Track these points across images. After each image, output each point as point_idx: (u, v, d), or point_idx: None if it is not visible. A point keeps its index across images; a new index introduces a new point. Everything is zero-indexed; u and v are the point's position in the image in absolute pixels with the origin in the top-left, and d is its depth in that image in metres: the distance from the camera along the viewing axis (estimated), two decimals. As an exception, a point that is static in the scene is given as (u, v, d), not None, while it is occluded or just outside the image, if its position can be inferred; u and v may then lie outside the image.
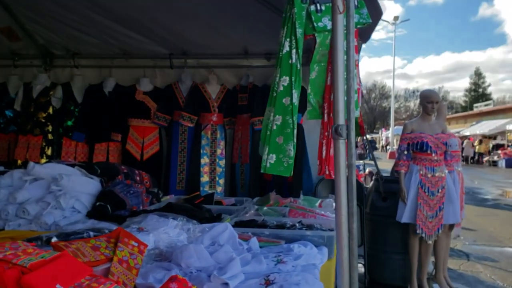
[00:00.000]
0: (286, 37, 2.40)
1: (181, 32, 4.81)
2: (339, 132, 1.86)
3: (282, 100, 2.43)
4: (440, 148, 4.56)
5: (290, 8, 2.39)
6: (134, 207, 3.05)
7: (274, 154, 2.47)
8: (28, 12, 4.75)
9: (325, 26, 2.39)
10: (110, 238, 1.88)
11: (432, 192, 4.50)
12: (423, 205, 4.49)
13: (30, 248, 1.44)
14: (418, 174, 4.53)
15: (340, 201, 1.88)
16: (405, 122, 4.93)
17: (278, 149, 2.47)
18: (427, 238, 4.53)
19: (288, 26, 2.40)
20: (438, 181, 4.52)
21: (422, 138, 4.54)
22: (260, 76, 5.19)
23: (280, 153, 2.44)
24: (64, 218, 2.84)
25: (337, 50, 1.90)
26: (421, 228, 4.48)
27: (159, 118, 5.12)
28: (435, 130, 4.63)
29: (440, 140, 4.57)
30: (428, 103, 4.66)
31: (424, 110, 4.70)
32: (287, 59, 2.40)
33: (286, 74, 2.42)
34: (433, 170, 4.53)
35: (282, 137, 2.46)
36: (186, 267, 1.91)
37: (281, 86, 2.42)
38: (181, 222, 2.28)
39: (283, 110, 2.45)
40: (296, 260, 2.15)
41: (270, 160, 2.46)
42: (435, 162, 4.54)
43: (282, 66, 2.42)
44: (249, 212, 3.17)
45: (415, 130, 4.62)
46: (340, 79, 1.89)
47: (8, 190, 2.94)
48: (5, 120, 5.31)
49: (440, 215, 4.51)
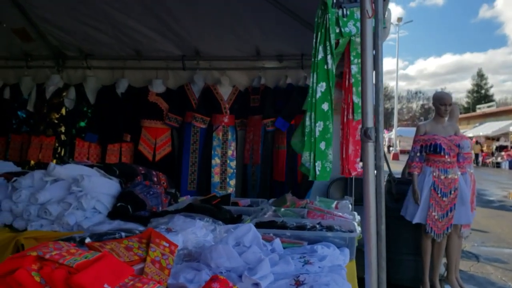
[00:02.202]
0: (320, 43, 2.42)
1: (195, 31, 4.84)
2: (368, 134, 1.88)
3: (321, 106, 2.45)
4: (453, 150, 4.58)
5: (323, 14, 2.41)
6: (154, 207, 3.07)
7: (320, 161, 2.50)
8: (42, 12, 4.78)
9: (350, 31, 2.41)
10: (141, 239, 1.90)
11: (444, 194, 4.53)
12: (435, 206, 4.51)
13: (72, 248, 1.46)
14: (431, 176, 4.56)
15: (368, 203, 1.90)
16: (418, 124, 4.95)
17: (322, 155, 2.50)
18: (436, 236, 4.55)
19: (322, 32, 2.42)
20: (451, 183, 4.54)
21: (435, 140, 4.56)
22: (272, 78, 5.22)
23: (323, 159, 2.48)
24: (86, 218, 2.87)
25: (366, 54, 1.92)
26: (430, 227, 4.51)
27: (171, 119, 5.15)
28: (448, 132, 4.65)
29: (453, 142, 4.59)
30: (441, 105, 4.67)
31: (438, 112, 4.72)
32: (323, 64, 2.42)
33: (323, 80, 2.44)
34: (446, 172, 4.55)
35: (324, 143, 2.49)
36: (215, 267, 1.93)
37: (319, 92, 2.44)
38: (207, 223, 2.30)
39: (323, 115, 2.48)
40: (321, 261, 2.18)
41: (318, 167, 2.48)
42: (448, 164, 4.56)
43: (319, 72, 2.44)
44: (267, 213, 3.19)
45: (428, 132, 4.64)
46: (369, 82, 1.91)
47: (29, 191, 2.97)
48: (18, 121, 5.34)
49: (451, 216, 4.54)
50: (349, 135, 2.72)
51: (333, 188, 4.99)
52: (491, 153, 32.10)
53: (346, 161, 2.73)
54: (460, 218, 4.63)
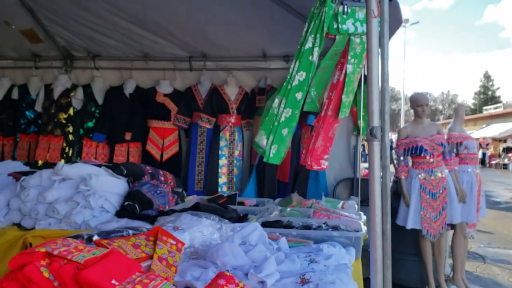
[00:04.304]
0: (311, 33, 2.44)
1: (200, 35, 4.87)
2: (374, 134, 1.89)
3: (295, 94, 2.49)
4: (436, 149, 4.57)
5: (321, 6, 2.42)
6: (161, 206, 3.09)
7: (277, 145, 2.55)
8: (50, 15, 4.82)
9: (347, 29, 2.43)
10: (149, 236, 1.92)
11: (433, 194, 4.53)
12: (427, 208, 4.52)
13: (80, 245, 1.48)
14: (418, 178, 4.56)
15: (374, 202, 1.91)
16: (399, 128, 4.97)
17: (281, 140, 2.57)
18: (432, 238, 4.55)
19: (315, 23, 2.44)
20: (439, 182, 4.55)
21: (417, 142, 4.56)
22: (278, 78, 5.22)
23: (282, 144, 2.54)
24: (93, 217, 2.90)
25: (371, 53, 1.93)
26: (426, 230, 4.52)
27: (180, 120, 5.18)
28: (429, 132, 4.64)
29: (435, 141, 4.57)
30: (417, 106, 4.71)
31: (415, 113, 4.76)
32: (307, 55, 2.44)
33: (304, 70, 2.47)
34: (432, 172, 4.55)
35: (287, 129, 2.55)
36: (222, 265, 1.94)
37: (297, 80, 2.47)
38: (214, 221, 2.32)
39: (294, 103, 2.53)
40: (327, 260, 2.19)
41: (273, 150, 2.54)
42: (432, 164, 4.56)
43: (302, 61, 2.47)
44: (273, 213, 3.20)
45: (409, 135, 4.66)
46: (374, 81, 1.92)
47: (38, 190, 3.00)
48: (26, 121, 5.37)
49: (444, 215, 4.55)
50: (321, 129, 2.74)
51: (339, 188, 5.00)
52: (498, 155, 31.91)
53: (310, 153, 2.78)
54: (452, 217, 4.62)
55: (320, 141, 2.70)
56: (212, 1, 4.25)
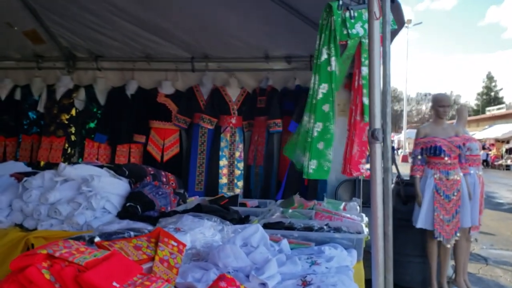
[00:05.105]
0: (324, 44, 2.44)
1: (203, 36, 4.87)
2: (375, 136, 1.89)
3: (321, 107, 2.47)
4: (454, 151, 4.57)
5: (327, 16, 2.42)
6: (162, 208, 3.09)
7: (315, 160, 2.52)
8: (53, 16, 4.83)
9: (357, 33, 2.42)
10: (150, 238, 1.92)
11: (447, 196, 4.52)
12: (440, 209, 4.50)
13: (82, 247, 1.48)
14: (433, 179, 4.55)
15: (376, 204, 1.91)
16: (418, 127, 4.96)
17: (319, 155, 2.52)
18: (446, 241, 4.53)
19: (326, 34, 2.44)
20: (453, 185, 4.53)
21: (435, 142, 4.55)
22: (280, 79, 5.24)
23: (321, 158, 2.49)
24: (95, 218, 2.90)
25: (373, 55, 1.93)
26: (439, 232, 4.49)
27: (179, 120, 5.18)
28: (448, 133, 4.64)
29: (453, 143, 4.57)
30: (440, 107, 4.69)
31: (436, 114, 4.73)
32: (325, 66, 2.44)
33: (325, 82, 2.46)
34: (447, 173, 4.54)
35: (323, 143, 2.51)
36: (223, 267, 1.94)
37: (320, 93, 2.46)
38: (215, 223, 2.32)
39: (323, 116, 2.50)
40: (328, 262, 2.18)
41: (312, 166, 2.51)
42: (449, 165, 4.55)
43: (321, 73, 2.46)
44: (275, 215, 3.20)
45: (428, 135, 4.64)
46: (376, 83, 1.92)
47: (40, 191, 3.00)
48: (29, 122, 5.38)
49: (457, 218, 4.53)
50: (354, 135, 2.74)
51: (341, 189, 4.99)
52: (501, 156, 31.84)
53: (348, 161, 2.75)
54: (463, 221, 4.61)
55: (356, 147, 2.69)
56: (214, 2, 4.24)
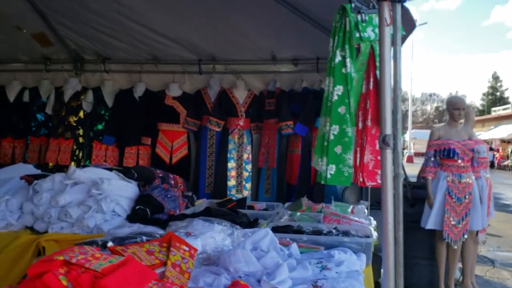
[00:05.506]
0: (337, 46, 2.44)
1: (210, 38, 4.90)
2: (386, 141, 1.90)
3: (337, 109, 2.46)
4: (467, 154, 4.57)
5: (341, 17, 2.43)
6: (171, 211, 3.11)
7: (333, 165, 2.49)
8: (61, 18, 4.86)
9: (369, 36, 2.43)
10: (162, 243, 1.93)
11: (459, 198, 4.53)
12: (450, 211, 4.51)
13: (97, 253, 1.50)
14: (445, 181, 4.56)
15: (386, 210, 1.92)
16: (432, 129, 4.96)
17: (337, 159, 2.48)
18: (453, 243, 4.55)
19: (339, 36, 2.44)
20: (465, 188, 4.54)
21: (449, 145, 4.56)
22: (287, 82, 5.24)
23: (340, 163, 2.47)
24: (105, 221, 2.92)
25: (384, 61, 1.94)
26: (447, 234, 4.50)
27: (189, 123, 5.21)
28: (462, 136, 4.65)
29: (467, 146, 4.58)
30: (454, 109, 4.69)
31: (451, 116, 4.73)
32: (340, 68, 2.44)
33: (340, 83, 2.45)
34: (460, 176, 4.55)
35: (341, 147, 2.48)
36: (234, 271, 1.95)
37: (336, 95, 2.45)
38: (225, 227, 2.33)
39: (339, 119, 2.48)
40: (338, 267, 2.19)
41: (330, 171, 2.48)
42: (462, 168, 4.56)
43: (336, 75, 2.45)
44: (283, 218, 3.21)
45: (442, 137, 4.64)
46: (387, 89, 1.93)
47: (50, 193, 3.02)
48: (37, 124, 5.42)
49: (466, 221, 4.54)
50: (366, 142, 2.71)
51: (348, 192, 4.98)
52: (507, 156, 31.71)
53: (360, 169, 2.70)
54: (473, 224, 4.62)
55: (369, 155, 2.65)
56: (222, 4, 4.26)
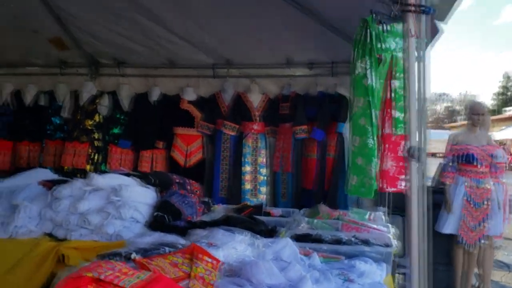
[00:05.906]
0: (358, 58, 2.43)
1: (226, 41, 4.89)
2: (411, 153, 1.88)
3: (358, 120, 2.45)
4: (486, 160, 4.54)
5: (361, 29, 2.41)
6: (189, 217, 3.11)
7: (355, 176, 2.49)
8: (77, 22, 4.87)
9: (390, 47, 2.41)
10: (185, 254, 1.94)
11: (477, 204, 4.50)
12: (467, 216, 4.49)
13: (124, 267, 1.50)
14: (463, 186, 4.53)
15: (412, 223, 1.90)
16: (451, 133, 4.93)
17: (359, 170, 2.48)
18: (467, 247, 4.53)
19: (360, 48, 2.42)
20: (484, 193, 4.51)
21: (468, 150, 4.53)
22: (302, 86, 5.23)
23: (361, 174, 2.46)
24: (124, 228, 2.92)
25: (409, 72, 1.92)
26: (462, 237, 4.49)
27: (203, 127, 5.23)
28: (481, 141, 4.61)
29: (486, 152, 4.55)
30: (474, 114, 4.66)
31: (471, 121, 4.69)
32: (361, 80, 2.43)
33: (361, 95, 2.44)
34: (478, 182, 4.52)
35: (361, 158, 2.47)
36: (257, 283, 1.95)
37: (356, 107, 2.44)
38: (246, 237, 2.32)
39: (360, 131, 2.47)
40: (360, 278, 2.19)
41: (352, 181, 2.48)
42: (481, 174, 4.52)
43: (356, 87, 2.45)
44: (301, 225, 3.20)
45: (461, 142, 4.62)
46: (413, 100, 1.91)
47: (69, 200, 3.02)
48: (52, 127, 5.44)
49: (483, 226, 4.50)
50: (387, 150, 2.69)
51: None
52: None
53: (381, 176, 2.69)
54: (490, 229, 4.59)
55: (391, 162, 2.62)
56: (238, 8, 4.25)
